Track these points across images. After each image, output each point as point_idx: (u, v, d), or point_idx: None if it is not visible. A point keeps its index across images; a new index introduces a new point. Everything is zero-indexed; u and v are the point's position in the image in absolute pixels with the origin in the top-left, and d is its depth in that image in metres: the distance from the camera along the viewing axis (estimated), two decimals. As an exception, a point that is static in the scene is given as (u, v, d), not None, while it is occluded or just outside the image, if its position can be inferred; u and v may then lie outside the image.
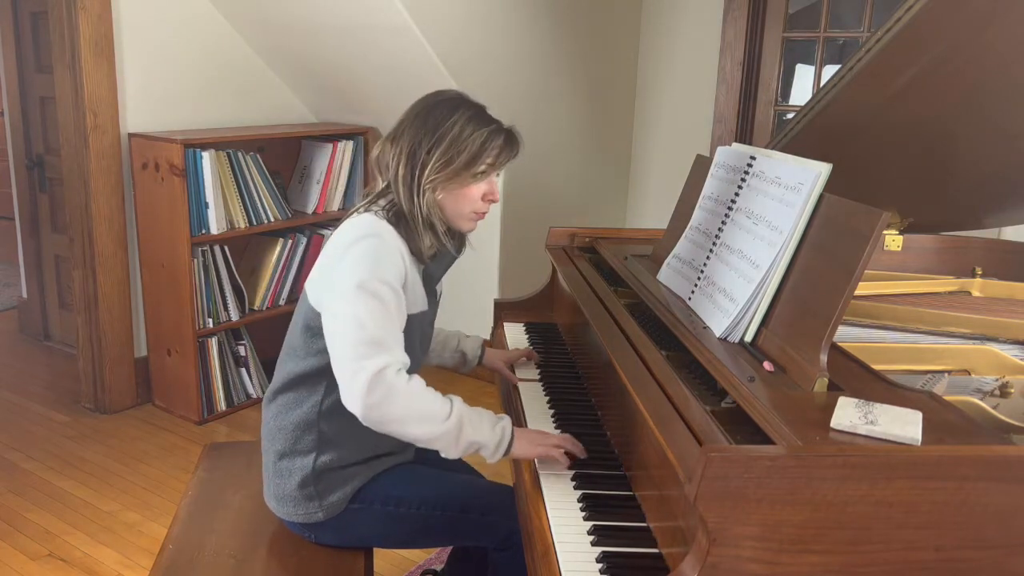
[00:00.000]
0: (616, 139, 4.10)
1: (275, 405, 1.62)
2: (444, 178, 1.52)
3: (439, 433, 1.43)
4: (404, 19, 2.92)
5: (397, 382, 1.41)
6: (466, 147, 1.51)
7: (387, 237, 1.50)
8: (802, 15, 3.72)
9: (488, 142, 1.53)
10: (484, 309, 2.47)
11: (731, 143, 1.76)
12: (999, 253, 2.11)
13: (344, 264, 1.47)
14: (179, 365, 3.25)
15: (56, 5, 3.05)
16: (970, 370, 1.50)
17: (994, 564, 1.00)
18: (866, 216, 1.20)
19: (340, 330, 1.44)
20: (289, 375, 1.58)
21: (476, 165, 1.53)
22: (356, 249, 1.47)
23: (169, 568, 1.54)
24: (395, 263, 1.49)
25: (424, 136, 1.52)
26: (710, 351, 1.35)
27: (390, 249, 1.49)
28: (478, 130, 1.52)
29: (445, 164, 1.51)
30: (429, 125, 1.52)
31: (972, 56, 1.57)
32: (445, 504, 1.62)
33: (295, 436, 1.58)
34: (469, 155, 1.51)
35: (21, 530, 2.52)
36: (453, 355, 1.92)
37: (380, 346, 1.41)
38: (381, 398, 1.40)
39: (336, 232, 1.56)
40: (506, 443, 1.48)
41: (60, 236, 3.79)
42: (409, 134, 1.53)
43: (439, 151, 1.50)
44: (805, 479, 0.95)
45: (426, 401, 1.44)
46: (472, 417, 1.47)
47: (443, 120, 1.52)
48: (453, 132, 1.51)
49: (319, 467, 1.57)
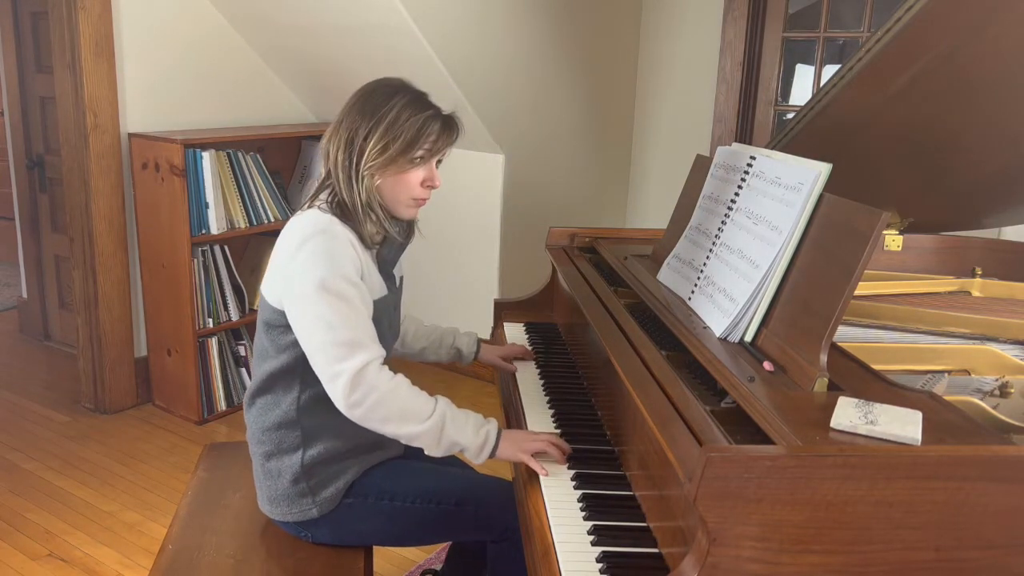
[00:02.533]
0: (616, 139, 4.10)
1: (255, 408, 1.62)
2: (381, 164, 1.50)
3: (421, 431, 1.46)
4: (404, 19, 2.92)
5: (378, 380, 1.43)
6: (402, 132, 1.49)
7: (335, 230, 1.49)
8: (802, 15, 3.72)
9: (425, 127, 1.51)
10: (484, 309, 2.47)
11: (731, 143, 1.76)
12: (999, 253, 2.11)
13: (298, 264, 1.47)
14: (179, 365, 3.25)
15: (56, 5, 3.05)
16: (970, 370, 1.50)
17: (994, 564, 1.00)
18: (866, 216, 1.20)
19: (311, 335, 1.45)
20: (263, 376, 1.59)
21: (413, 151, 1.51)
22: (307, 248, 1.47)
23: (169, 568, 1.54)
24: (349, 256, 1.48)
25: (361, 122, 1.51)
26: (710, 351, 1.35)
27: (341, 242, 1.49)
28: (415, 115, 1.51)
29: (382, 150, 1.50)
30: (367, 111, 1.51)
31: (972, 56, 1.57)
32: (440, 498, 1.62)
33: (279, 436, 1.59)
34: (405, 141, 1.50)
35: (21, 530, 2.52)
36: (449, 351, 1.94)
37: (354, 346, 1.43)
38: (362, 396, 1.42)
39: (284, 231, 1.55)
40: (490, 447, 1.50)
41: (60, 236, 3.79)
42: (347, 121, 1.53)
43: (375, 137, 1.49)
44: (805, 479, 0.95)
45: (409, 399, 1.46)
46: (456, 418, 1.49)
47: (380, 106, 1.51)
48: (390, 117, 1.50)
49: (308, 462, 1.57)
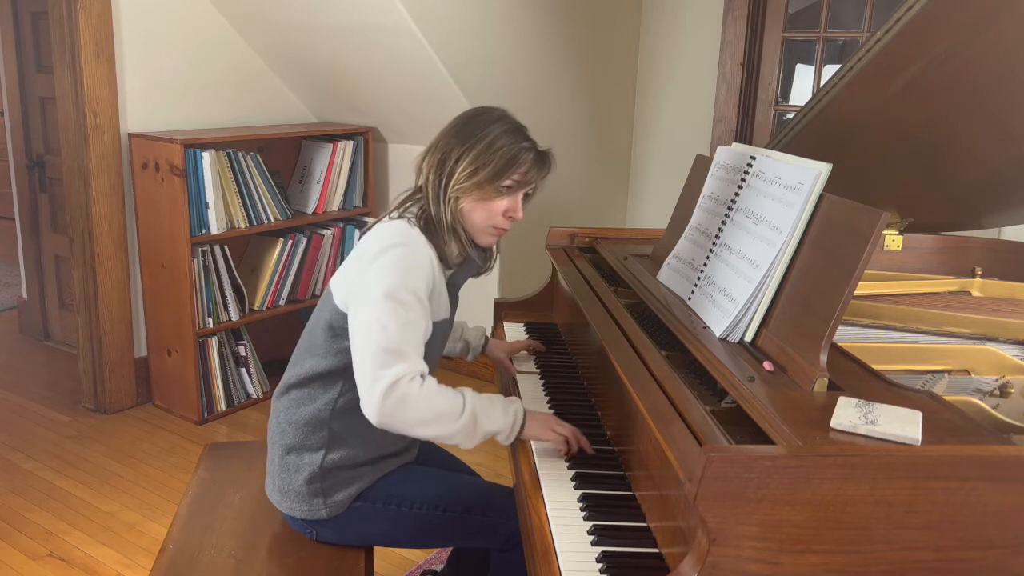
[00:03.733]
0: (616, 139, 4.09)
1: (287, 399, 1.62)
2: (469, 187, 1.53)
3: (455, 430, 1.46)
4: (404, 19, 2.92)
5: (410, 390, 1.43)
6: (494, 159, 1.52)
7: (418, 245, 1.51)
8: (802, 15, 3.72)
9: (517, 157, 1.54)
10: (484, 309, 2.47)
11: (731, 143, 1.76)
12: (999, 253, 2.11)
13: (373, 270, 1.48)
14: (179, 365, 3.25)
15: (56, 5, 3.05)
16: (970, 370, 1.50)
17: (994, 564, 1.00)
18: (866, 216, 1.20)
19: (364, 336, 1.46)
20: (306, 372, 1.59)
21: (502, 178, 1.54)
22: (386, 257, 1.48)
23: (169, 568, 1.54)
24: (425, 273, 1.50)
25: (456, 145, 1.54)
26: (710, 351, 1.35)
27: (420, 258, 1.50)
28: (509, 145, 1.54)
29: (472, 174, 1.52)
30: (464, 135, 1.55)
31: (972, 56, 1.57)
32: (447, 504, 1.62)
33: (305, 432, 1.59)
34: (496, 168, 1.52)
35: (21, 530, 2.52)
36: (456, 343, 1.94)
37: (399, 355, 1.43)
38: (394, 407, 1.42)
39: (368, 235, 1.57)
40: (519, 425, 1.50)
41: (60, 236, 3.79)
42: (444, 142, 1.57)
43: (468, 159, 1.52)
44: (805, 479, 0.95)
45: (439, 402, 1.45)
46: (485, 407, 1.49)
47: (477, 131, 1.55)
48: (484, 143, 1.53)
49: (327, 465, 1.57)
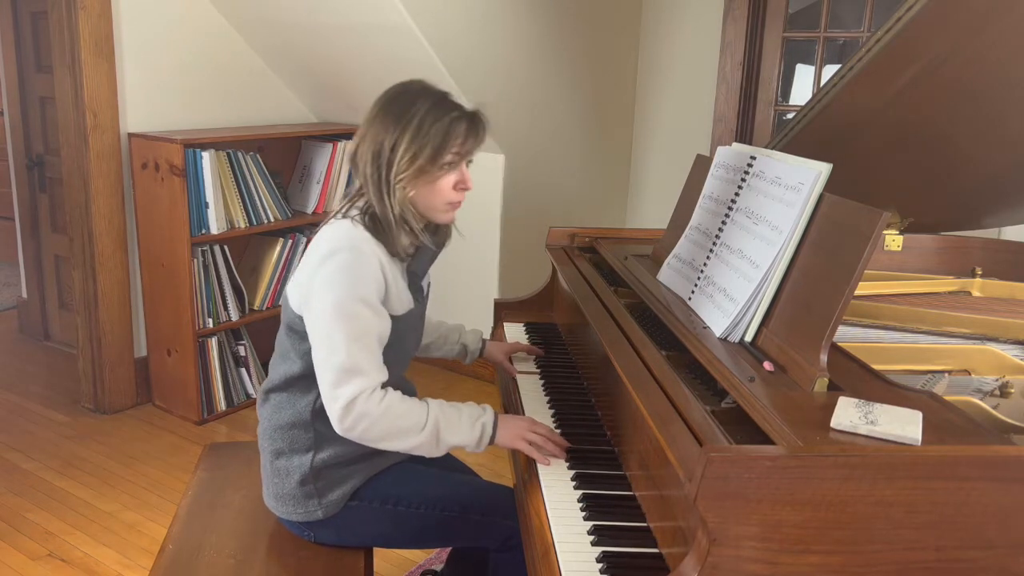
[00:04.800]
0: (616, 139, 4.10)
1: (269, 405, 1.62)
2: (411, 175, 1.49)
3: (417, 443, 1.49)
4: (404, 19, 2.92)
5: (368, 408, 1.44)
6: (429, 140, 1.47)
7: (362, 248, 1.48)
8: (802, 15, 3.72)
9: (451, 130, 1.49)
10: (484, 309, 2.47)
11: (731, 143, 1.76)
12: (999, 253, 2.11)
13: (319, 280, 1.47)
14: (179, 365, 3.25)
15: (56, 5, 3.05)
16: (970, 370, 1.50)
17: (994, 564, 1.00)
18: (866, 216, 1.20)
19: (319, 353, 1.47)
20: (282, 376, 1.59)
21: (442, 157, 1.49)
22: (332, 263, 1.46)
23: (169, 568, 1.54)
24: (372, 277, 1.48)
25: (386, 134, 1.48)
26: (710, 351, 1.35)
27: (365, 262, 1.47)
28: (439, 120, 1.48)
29: (411, 161, 1.47)
30: (390, 120, 1.49)
31: (972, 56, 1.57)
32: (445, 504, 1.62)
33: (291, 435, 1.59)
34: (433, 148, 1.47)
35: (21, 530, 2.52)
36: (454, 347, 1.95)
37: (354, 372, 1.44)
38: (353, 424, 1.45)
39: (316, 237, 1.55)
40: (487, 437, 1.52)
41: (60, 236, 3.79)
42: (372, 132, 1.51)
43: (403, 147, 1.47)
44: (805, 479, 0.95)
45: (400, 418, 1.47)
46: (450, 420, 1.50)
47: (403, 113, 1.48)
48: (414, 124, 1.47)
49: (317, 464, 1.57)
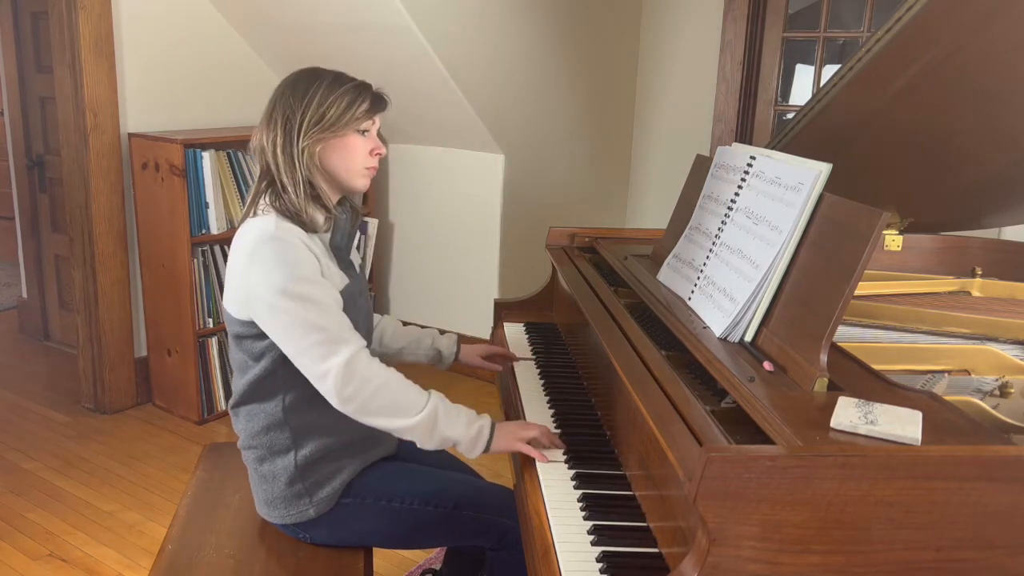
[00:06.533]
0: (616, 139, 4.10)
1: (241, 417, 1.62)
2: (320, 130, 1.52)
3: (413, 424, 1.47)
4: (404, 19, 2.92)
5: (370, 371, 1.45)
6: (335, 101, 1.53)
7: (282, 235, 1.48)
8: (802, 15, 3.72)
9: (356, 95, 1.55)
10: (484, 309, 2.48)
11: (731, 143, 1.76)
12: (999, 253, 2.11)
13: (254, 276, 1.47)
14: (179, 365, 3.25)
15: (56, 5, 3.05)
16: (970, 370, 1.50)
17: (994, 564, 1.00)
18: (866, 216, 1.20)
19: (289, 342, 1.47)
20: (244, 387, 1.59)
21: (350, 113, 1.54)
22: (259, 257, 1.47)
23: (169, 568, 1.54)
24: (303, 257, 1.48)
25: (295, 104, 1.53)
26: (710, 351, 1.35)
27: (291, 245, 1.48)
28: (343, 86, 1.55)
29: (319, 118, 1.52)
30: (297, 95, 1.54)
31: (972, 56, 1.57)
32: (438, 500, 1.62)
33: (269, 439, 1.59)
34: (339, 108, 1.53)
35: (21, 530, 2.52)
36: (428, 352, 1.92)
37: (335, 342, 1.44)
38: (356, 390, 1.44)
39: (233, 245, 1.55)
40: (484, 441, 1.51)
41: (60, 236, 3.79)
42: (279, 109, 1.55)
43: (311, 110, 1.52)
44: (805, 479, 0.95)
45: (401, 393, 1.47)
46: (449, 412, 1.50)
47: (308, 87, 1.54)
48: (320, 91, 1.53)
49: (301, 462, 1.57)
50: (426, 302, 3.84)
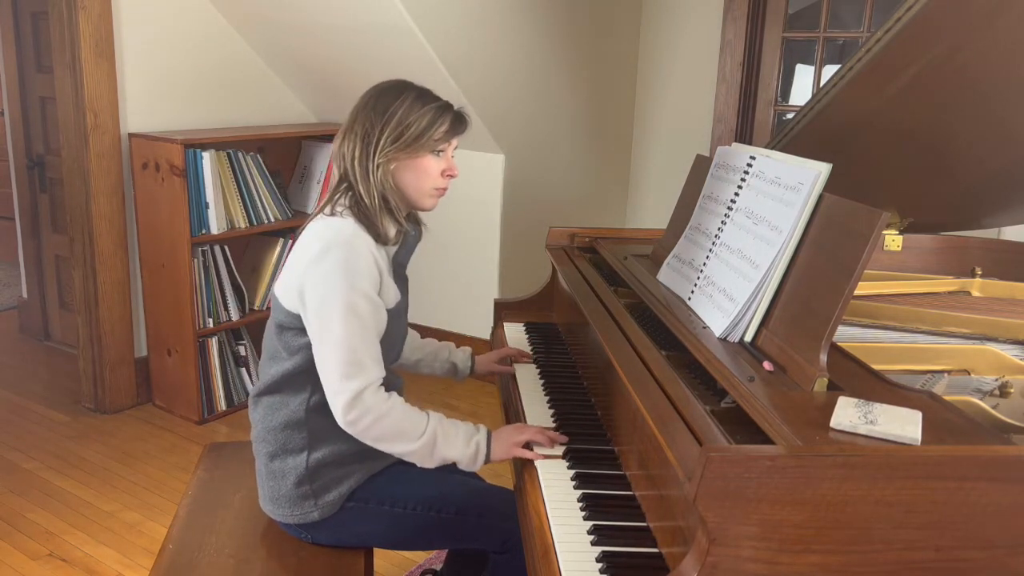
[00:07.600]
0: (616, 139, 4.10)
1: (261, 408, 1.62)
2: (396, 149, 1.55)
3: (413, 449, 1.52)
4: (404, 19, 2.92)
5: (374, 403, 1.49)
6: (415, 121, 1.55)
7: (354, 241, 1.51)
8: (802, 15, 3.72)
9: (436, 116, 1.57)
10: (484, 309, 2.48)
11: (731, 143, 1.76)
12: (999, 253, 2.11)
13: (318, 275, 1.50)
14: (179, 365, 3.25)
15: (56, 5, 3.05)
16: (970, 370, 1.50)
17: (994, 564, 1.00)
18: (866, 216, 1.20)
19: (322, 349, 1.50)
20: (273, 377, 1.60)
21: (428, 134, 1.56)
22: (329, 260, 1.50)
23: (169, 568, 1.54)
24: (368, 270, 1.51)
25: (376, 118, 1.56)
26: (710, 351, 1.35)
27: (360, 255, 1.51)
28: (426, 106, 1.57)
29: (398, 136, 1.55)
30: (379, 109, 1.57)
31: (972, 56, 1.57)
32: (441, 505, 1.62)
33: (285, 436, 1.59)
34: (419, 128, 1.55)
35: (21, 530, 2.52)
36: (443, 365, 1.96)
37: (358, 367, 1.48)
38: (358, 417, 1.48)
39: (304, 236, 1.58)
40: (482, 456, 1.55)
41: (60, 236, 3.79)
42: (360, 121, 1.58)
43: (390, 128, 1.55)
44: (805, 479, 0.95)
45: (402, 421, 1.51)
46: (447, 433, 1.54)
47: (391, 102, 1.57)
48: (403, 110, 1.56)
49: (313, 464, 1.58)
50: (426, 302, 3.84)
